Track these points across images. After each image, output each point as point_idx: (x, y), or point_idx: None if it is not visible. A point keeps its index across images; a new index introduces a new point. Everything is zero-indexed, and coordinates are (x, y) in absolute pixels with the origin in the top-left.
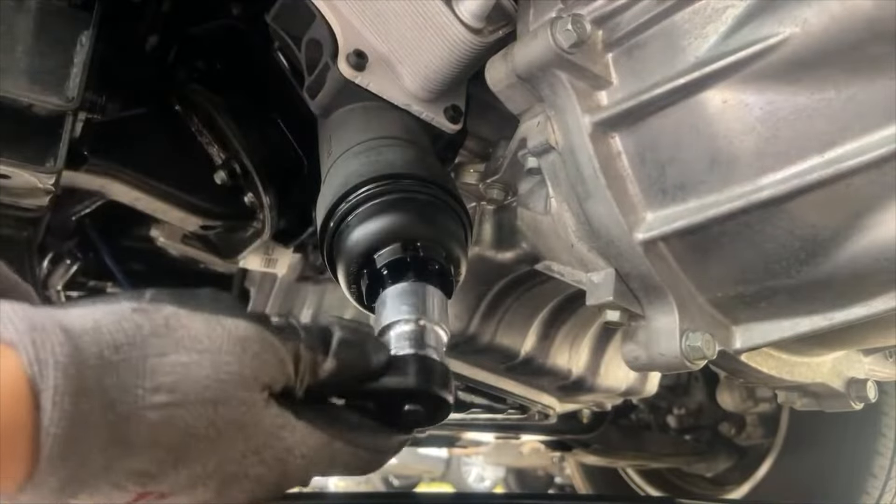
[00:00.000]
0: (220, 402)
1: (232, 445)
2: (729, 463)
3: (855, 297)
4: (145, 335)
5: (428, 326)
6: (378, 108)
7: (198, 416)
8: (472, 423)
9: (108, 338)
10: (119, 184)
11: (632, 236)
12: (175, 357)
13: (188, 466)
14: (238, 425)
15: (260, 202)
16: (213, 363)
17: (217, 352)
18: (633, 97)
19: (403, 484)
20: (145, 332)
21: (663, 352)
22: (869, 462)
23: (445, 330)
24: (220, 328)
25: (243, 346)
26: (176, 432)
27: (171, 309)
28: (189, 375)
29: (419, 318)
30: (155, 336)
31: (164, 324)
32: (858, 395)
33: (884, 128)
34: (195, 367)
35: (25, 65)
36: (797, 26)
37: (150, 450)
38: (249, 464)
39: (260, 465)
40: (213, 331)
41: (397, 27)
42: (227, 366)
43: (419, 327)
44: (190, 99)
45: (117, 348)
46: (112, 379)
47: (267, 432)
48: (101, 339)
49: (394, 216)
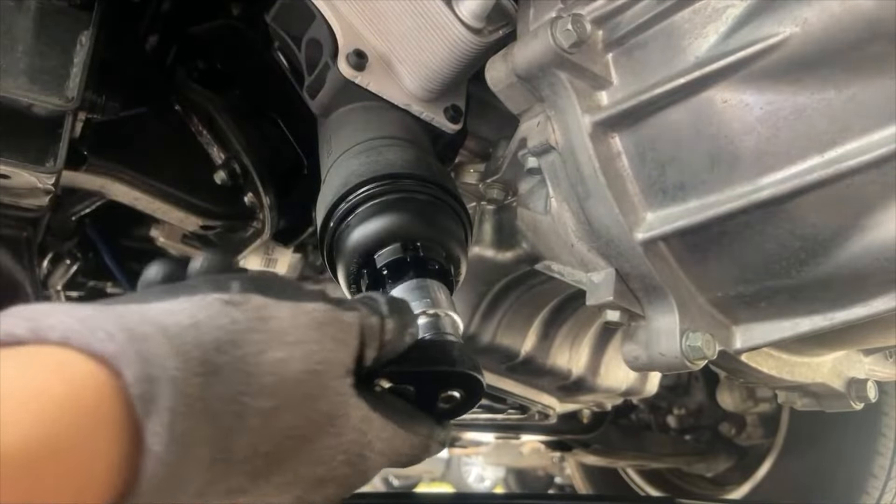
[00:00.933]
0: (317, 397)
1: (324, 443)
2: (729, 463)
3: (855, 297)
4: (243, 331)
5: (442, 314)
6: (378, 108)
7: (298, 415)
8: (472, 423)
9: (209, 337)
10: (119, 184)
11: (632, 236)
12: (272, 354)
13: (282, 473)
14: (331, 419)
15: (260, 202)
16: (305, 355)
17: (307, 342)
18: (634, 97)
19: (403, 484)
20: (242, 328)
21: (663, 352)
22: (869, 462)
23: (459, 318)
24: (304, 316)
25: (327, 331)
26: (276, 437)
27: (261, 299)
28: (287, 373)
29: (432, 309)
30: (252, 331)
31: (257, 316)
32: (859, 395)
33: (884, 128)
34: (291, 363)
35: (25, 65)
36: (797, 26)
37: (248, 462)
38: (336, 464)
39: (345, 466)
40: (299, 319)
41: (397, 27)
42: (317, 355)
43: (434, 317)
44: (190, 99)
45: (219, 349)
46: (217, 387)
47: (353, 427)
48: (203, 339)
49: (394, 216)
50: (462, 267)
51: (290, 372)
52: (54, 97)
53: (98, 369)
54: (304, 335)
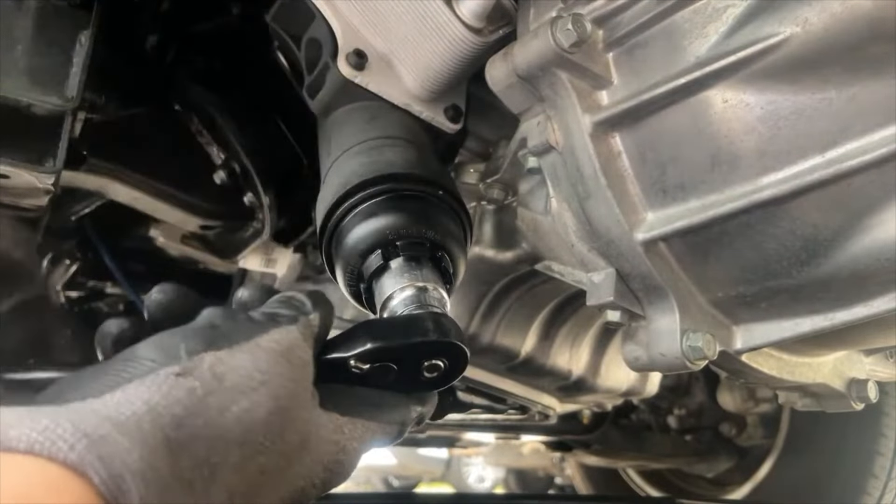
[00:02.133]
0: (286, 429)
1: (301, 464)
2: (729, 463)
3: (856, 297)
4: (200, 398)
5: (429, 287)
6: (378, 108)
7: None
8: (473, 424)
9: (167, 418)
10: (119, 184)
11: (632, 236)
12: (235, 407)
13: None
14: (303, 443)
15: (259, 202)
16: (272, 394)
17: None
18: (634, 97)
19: (403, 484)
20: (200, 395)
21: (664, 352)
22: (870, 463)
23: (446, 292)
24: (262, 353)
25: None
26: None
27: (212, 357)
28: (254, 420)
29: (418, 282)
30: (209, 395)
31: (212, 377)
32: (859, 396)
33: (884, 127)
34: (257, 409)
35: (25, 65)
36: (798, 26)
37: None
38: (315, 474)
39: (324, 472)
40: (258, 359)
41: (397, 27)
42: (282, 389)
43: (420, 289)
44: (190, 99)
45: (179, 425)
46: (184, 460)
47: (326, 440)
48: (161, 422)
49: (393, 216)
50: (461, 267)
51: (257, 418)
52: (54, 97)
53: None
54: (269, 371)
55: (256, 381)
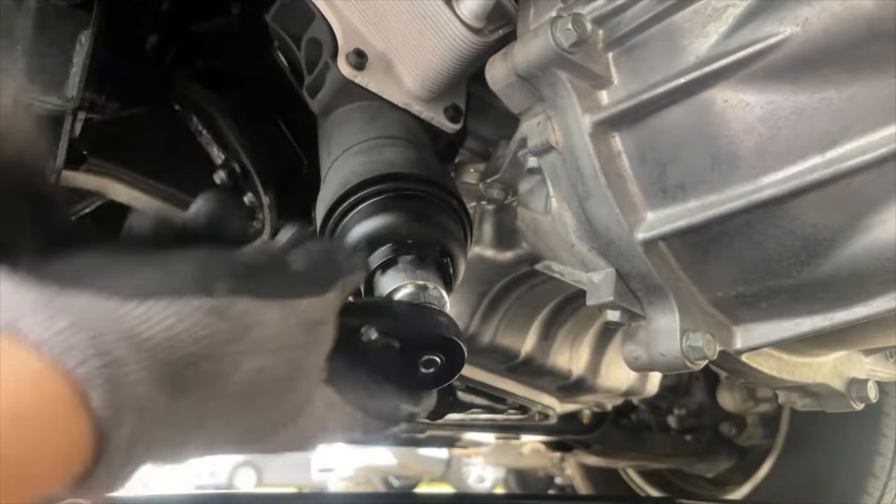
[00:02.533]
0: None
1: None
2: (729, 463)
3: (856, 296)
4: (220, 343)
5: (430, 286)
6: (378, 108)
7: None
8: (473, 424)
9: (182, 353)
10: (119, 184)
11: (632, 236)
12: (248, 363)
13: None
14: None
15: (259, 202)
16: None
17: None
18: (634, 96)
19: (403, 484)
20: (221, 339)
21: (664, 352)
22: (870, 463)
23: (445, 291)
24: (293, 318)
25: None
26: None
27: (247, 303)
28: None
29: (419, 280)
30: (230, 342)
31: (240, 325)
32: (859, 396)
33: (884, 127)
34: (267, 371)
35: (25, 64)
36: (798, 26)
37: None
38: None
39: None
40: (288, 323)
41: (397, 26)
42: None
43: (419, 287)
44: (190, 99)
45: (190, 364)
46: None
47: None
48: (176, 356)
49: (392, 216)
50: (461, 267)
51: (262, 380)
52: (54, 97)
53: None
54: (291, 340)
55: (277, 345)
